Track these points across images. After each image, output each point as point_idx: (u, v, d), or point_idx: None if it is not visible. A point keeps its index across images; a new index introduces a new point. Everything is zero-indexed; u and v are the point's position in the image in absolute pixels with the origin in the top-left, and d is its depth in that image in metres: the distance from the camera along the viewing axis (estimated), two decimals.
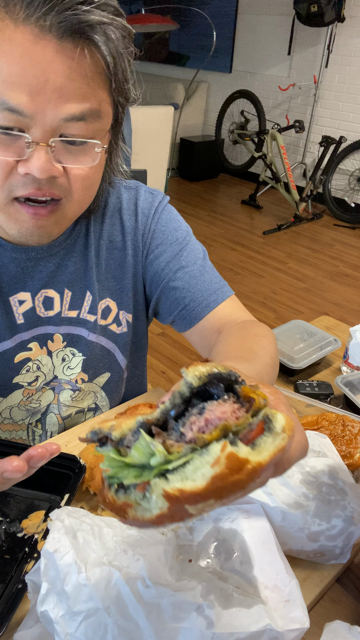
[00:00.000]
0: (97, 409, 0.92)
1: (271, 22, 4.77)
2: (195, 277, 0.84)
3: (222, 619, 0.49)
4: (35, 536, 0.64)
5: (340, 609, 0.61)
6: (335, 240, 4.06)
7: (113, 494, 0.35)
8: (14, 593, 0.55)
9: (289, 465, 0.40)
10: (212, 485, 0.31)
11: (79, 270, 0.81)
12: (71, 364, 0.85)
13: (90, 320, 0.84)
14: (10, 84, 0.55)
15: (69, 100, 0.58)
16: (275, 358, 0.73)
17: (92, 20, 0.55)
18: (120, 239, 0.85)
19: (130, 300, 0.87)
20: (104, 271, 0.84)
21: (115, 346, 0.88)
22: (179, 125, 5.23)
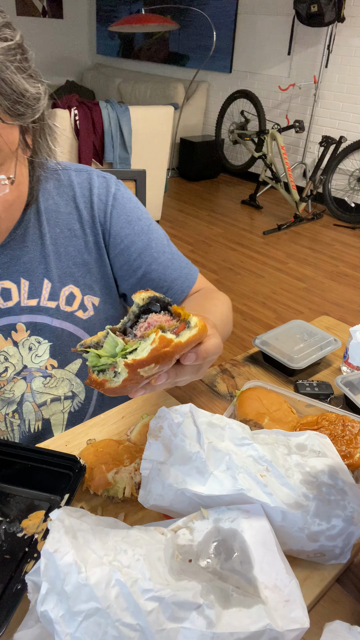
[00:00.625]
0: (74, 396, 0.92)
1: (271, 22, 4.77)
2: (168, 266, 0.90)
3: (222, 619, 0.49)
4: (35, 536, 0.64)
5: (340, 609, 0.61)
6: (335, 240, 4.06)
7: (96, 375, 0.53)
8: (14, 593, 0.55)
9: (206, 354, 0.58)
10: (152, 355, 0.50)
11: (34, 260, 0.82)
12: (38, 351, 0.85)
13: (52, 307, 0.84)
14: None
15: None
16: (226, 315, 0.89)
17: None
18: (79, 227, 0.86)
19: (97, 284, 0.88)
20: (64, 258, 0.85)
21: (84, 332, 0.88)
22: (179, 125, 5.23)
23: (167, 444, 0.65)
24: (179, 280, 0.91)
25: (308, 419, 0.80)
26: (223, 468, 0.61)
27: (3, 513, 0.68)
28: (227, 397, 0.97)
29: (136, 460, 0.71)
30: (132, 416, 0.87)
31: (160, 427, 0.67)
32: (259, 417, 0.82)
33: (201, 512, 0.60)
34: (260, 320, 2.89)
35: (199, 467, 0.61)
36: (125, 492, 0.69)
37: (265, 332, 1.11)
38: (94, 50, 6.95)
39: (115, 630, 0.47)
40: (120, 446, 0.74)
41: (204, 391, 0.99)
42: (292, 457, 0.65)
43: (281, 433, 0.70)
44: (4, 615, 0.53)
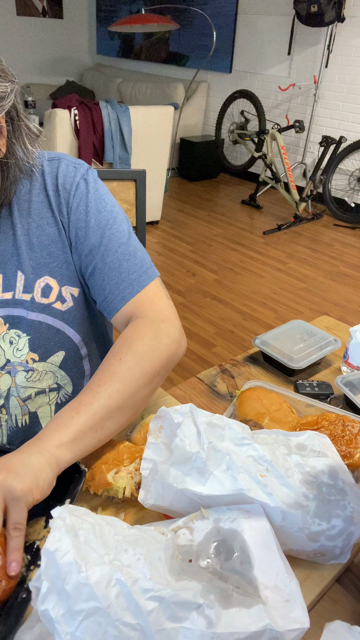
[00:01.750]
0: (59, 388, 0.91)
1: (271, 22, 4.77)
2: (114, 268, 0.82)
3: (222, 619, 0.49)
4: (37, 543, 0.63)
5: (340, 609, 0.61)
6: (335, 240, 4.06)
7: None
8: (19, 602, 0.54)
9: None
10: None
11: (6, 252, 0.81)
12: (19, 345, 0.84)
13: (27, 300, 0.83)
14: None
15: None
16: (128, 385, 0.72)
17: None
18: (50, 214, 0.83)
19: (74, 273, 0.85)
20: (37, 249, 0.83)
21: (63, 324, 0.86)
22: (179, 125, 5.23)
23: (167, 444, 0.65)
24: (121, 285, 0.81)
25: (308, 419, 0.80)
26: (223, 468, 0.61)
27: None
28: (227, 397, 0.97)
29: (136, 460, 0.71)
30: None
31: (160, 427, 0.67)
32: (259, 417, 0.82)
33: (201, 512, 0.60)
34: (260, 320, 2.89)
35: (199, 467, 0.61)
36: (125, 492, 0.68)
37: (265, 332, 1.11)
38: (94, 50, 6.95)
39: (115, 630, 0.47)
40: (120, 446, 0.74)
41: (204, 391, 0.99)
42: (292, 457, 0.65)
43: (281, 433, 0.70)
44: (12, 624, 0.52)
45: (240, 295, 3.15)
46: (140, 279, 0.82)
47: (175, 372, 2.42)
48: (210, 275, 3.39)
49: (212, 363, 2.49)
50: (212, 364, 2.47)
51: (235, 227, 4.23)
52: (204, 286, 3.24)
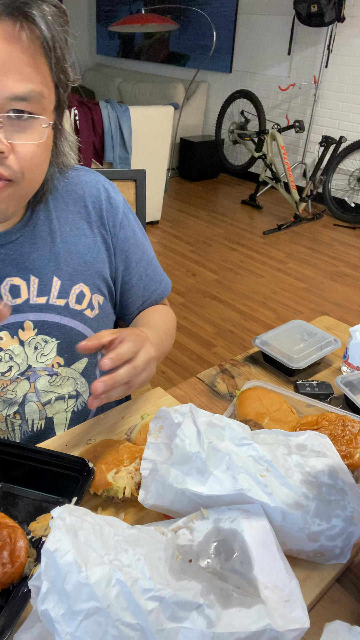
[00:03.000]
0: (78, 395, 0.92)
1: (271, 22, 4.77)
2: (152, 279, 0.99)
3: (222, 619, 0.49)
4: (43, 539, 0.63)
5: (340, 609, 0.61)
6: (335, 240, 4.06)
7: None
8: (20, 597, 0.55)
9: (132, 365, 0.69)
10: None
11: (43, 257, 0.82)
12: (44, 350, 0.85)
13: (61, 305, 0.84)
14: None
15: (12, 79, 0.59)
16: (170, 331, 0.99)
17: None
18: (87, 226, 0.87)
19: (103, 283, 0.90)
20: (75, 256, 0.85)
21: (91, 331, 0.89)
22: (179, 125, 5.23)
23: (167, 444, 0.65)
24: (157, 291, 1.01)
25: (308, 419, 0.80)
26: (223, 468, 0.61)
27: (11, 515, 0.68)
28: (227, 397, 0.98)
29: (136, 460, 0.71)
30: (132, 416, 0.87)
31: (160, 427, 0.67)
32: (259, 417, 0.82)
33: (201, 512, 0.60)
34: (260, 320, 2.89)
35: (199, 467, 0.61)
36: (125, 492, 0.69)
37: (265, 332, 1.11)
38: (94, 50, 6.95)
39: (115, 630, 0.47)
40: (120, 446, 0.74)
41: (204, 391, 0.99)
42: (292, 457, 0.65)
43: (281, 433, 0.70)
44: (11, 618, 0.53)
45: (240, 295, 3.15)
46: (167, 286, 1.03)
47: (175, 372, 2.42)
48: (210, 275, 3.39)
49: (212, 363, 2.49)
50: (212, 364, 2.47)
51: (235, 227, 4.23)
52: (204, 286, 3.24)
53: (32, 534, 0.65)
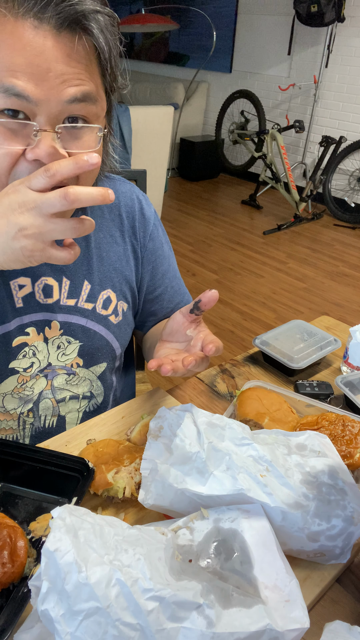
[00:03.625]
0: (91, 397, 0.93)
1: (271, 22, 4.77)
2: (177, 292, 1.01)
3: (222, 619, 0.49)
4: (43, 539, 0.63)
5: (340, 609, 0.61)
6: (335, 240, 4.06)
7: None
8: (20, 596, 0.55)
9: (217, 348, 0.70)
10: None
11: (78, 260, 0.83)
12: (66, 350, 0.86)
13: (88, 309, 0.86)
14: (16, 73, 0.58)
15: (70, 84, 0.60)
16: None
17: (86, 9, 0.59)
18: (119, 234, 0.89)
19: (128, 291, 0.92)
20: (106, 262, 0.87)
21: (113, 336, 0.90)
22: (179, 125, 5.23)
23: (167, 444, 0.65)
24: (180, 304, 1.01)
25: (308, 419, 0.80)
26: (223, 468, 0.61)
27: (11, 515, 0.68)
28: (227, 397, 0.97)
29: (136, 460, 0.71)
30: (132, 416, 0.87)
31: (160, 427, 0.67)
32: (259, 417, 0.82)
33: (201, 512, 0.60)
34: (260, 320, 2.89)
35: (199, 467, 0.61)
36: (125, 492, 0.69)
37: (265, 332, 1.11)
38: None
39: (115, 630, 0.47)
40: (120, 446, 0.74)
41: (204, 391, 0.99)
42: (292, 457, 0.65)
43: (281, 433, 0.70)
44: (11, 618, 0.53)
45: (240, 295, 3.15)
46: (189, 299, 1.03)
47: None
48: (210, 275, 3.39)
49: (212, 363, 2.49)
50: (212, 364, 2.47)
51: (235, 227, 4.23)
52: (204, 286, 3.24)
53: (32, 534, 0.65)
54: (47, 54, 0.58)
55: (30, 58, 0.58)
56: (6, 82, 0.58)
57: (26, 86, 0.58)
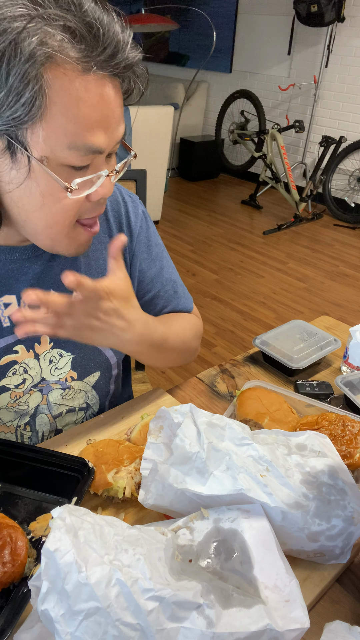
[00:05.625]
0: (88, 407, 0.92)
1: (271, 22, 4.77)
2: (172, 296, 0.97)
3: (222, 619, 0.49)
4: (43, 539, 0.63)
5: (340, 609, 0.61)
6: (335, 240, 4.06)
7: None
8: (20, 596, 0.55)
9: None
10: None
11: (65, 272, 0.82)
12: (59, 364, 0.85)
13: None
14: (92, 129, 0.59)
15: (119, 125, 0.63)
16: (185, 334, 0.93)
17: (135, 59, 0.60)
18: (108, 240, 0.87)
19: None
20: (94, 271, 0.85)
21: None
22: (179, 125, 5.23)
23: (167, 444, 0.65)
24: (177, 309, 0.98)
25: (308, 419, 0.80)
26: (223, 468, 0.61)
27: (11, 515, 0.68)
28: (227, 397, 0.97)
29: (136, 460, 0.71)
30: (132, 416, 0.87)
31: (160, 427, 0.67)
32: (259, 417, 0.82)
33: (201, 512, 0.60)
34: (260, 320, 2.89)
35: (199, 467, 0.61)
36: (125, 492, 0.69)
37: (265, 332, 1.11)
38: None
39: (115, 630, 0.47)
40: (120, 446, 0.74)
41: (204, 391, 0.99)
42: (292, 457, 0.65)
43: (281, 433, 0.70)
44: (11, 618, 0.53)
45: (240, 295, 3.15)
46: (188, 302, 1.00)
47: (175, 372, 2.42)
48: (210, 275, 3.39)
49: (212, 363, 2.49)
50: (212, 364, 2.47)
51: (235, 227, 4.23)
52: (204, 286, 3.24)
53: (32, 534, 0.65)
54: (110, 103, 0.60)
55: (103, 111, 0.59)
56: (87, 141, 0.59)
57: (100, 140, 0.60)
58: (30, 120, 0.56)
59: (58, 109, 0.56)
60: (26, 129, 0.57)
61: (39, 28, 0.53)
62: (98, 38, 0.55)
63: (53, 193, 0.62)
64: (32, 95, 0.54)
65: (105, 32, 0.55)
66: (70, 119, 0.57)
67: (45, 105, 0.55)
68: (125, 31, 0.58)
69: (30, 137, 0.58)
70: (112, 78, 0.59)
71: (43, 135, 0.57)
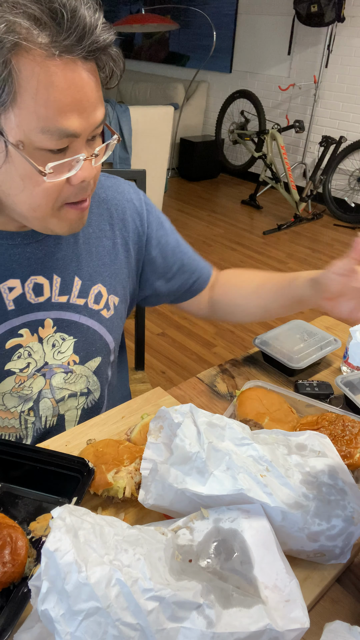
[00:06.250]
0: (89, 393, 0.93)
1: (271, 22, 4.77)
2: (194, 259, 1.00)
3: (222, 619, 0.49)
4: (43, 539, 0.63)
5: (340, 609, 0.61)
6: (335, 240, 4.06)
7: None
8: (20, 597, 0.55)
9: None
10: None
11: (67, 257, 0.84)
12: (61, 348, 0.86)
13: (80, 304, 0.86)
14: (65, 113, 0.60)
15: (96, 109, 0.64)
16: None
17: (106, 41, 0.61)
18: (109, 228, 0.88)
19: (120, 284, 0.91)
20: (95, 257, 0.87)
21: (106, 330, 0.91)
22: (179, 125, 5.23)
23: (167, 444, 0.65)
24: (204, 269, 1.01)
25: (308, 419, 0.80)
26: (223, 468, 0.61)
27: (11, 515, 0.68)
28: (227, 397, 0.98)
29: (136, 460, 0.71)
30: (132, 416, 0.88)
31: (160, 427, 0.67)
32: (259, 417, 0.82)
33: (201, 512, 0.60)
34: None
35: (199, 467, 0.61)
36: (125, 492, 0.69)
37: (265, 332, 1.11)
38: None
39: (115, 630, 0.47)
40: (120, 446, 0.74)
41: (204, 391, 0.99)
42: (292, 457, 0.65)
43: (281, 433, 0.70)
44: (11, 618, 0.53)
45: None
46: (206, 263, 1.03)
47: (175, 372, 2.42)
48: None
49: (212, 363, 2.49)
50: (212, 364, 2.47)
51: (235, 227, 4.23)
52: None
53: (32, 534, 0.65)
54: (84, 86, 0.61)
55: (75, 95, 0.60)
56: (60, 125, 0.60)
57: (74, 124, 0.61)
58: (1, 106, 0.58)
59: (29, 94, 0.58)
60: (0, 115, 0.59)
61: (3, 17, 0.55)
62: (62, 24, 0.57)
63: (31, 177, 0.64)
64: (1, 82, 0.56)
65: (71, 17, 0.56)
66: (41, 104, 0.58)
67: (15, 91, 0.57)
68: (95, 14, 0.59)
69: (4, 123, 0.59)
70: (84, 61, 0.60)
71: (16, 121, 0.59)
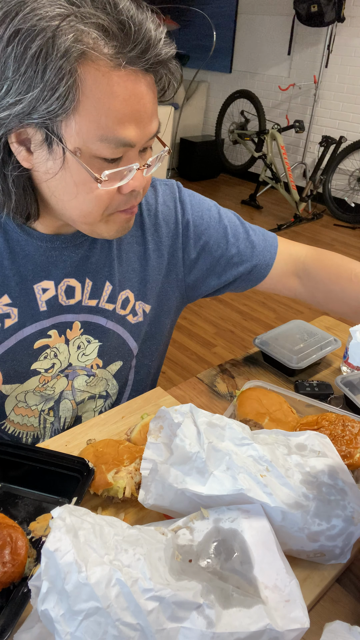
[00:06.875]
0: (107, 396, 0.94)
1: (271, 22, 4.77)
2: (247, 246, 0.94)
3: (222, 619, 0.49)
4: (43, 539, 0.63)
5: (340, 609, 0.61)
6: (335, 240, 4.06)
7: None
8: (20, 597, 0.55)
9: None
10: None
11: (100, 261, 0.84)
12: (86, 350, 0.87)
13: (109, 309, 0.87)
14: (123, 123, 0.61)
15: (152, 120, 0.65)
16: None
17: (167, 55, 0.62)
18: (140, 234, 0.88)
19: (151, 291, 0.90)
20: (125, 263, 0.87)
21: (129, 335, 0.91)
22: (179, 125, 5.23)
23: (167, 444, 0.65)
24: (261, 255, 0.95)
25: (308, 419, 0.80)
26: (223, 468, 0.61)
27: (11, 515, 0.68)
28: (227, 397, 0.98)
29: (136, 460, 0.71)
30: (132, 416, 0.88)
31: (160, 427, 0.67)
32: (259, 417, 0.82)
33: (201, 512, 0.60)
34: (260, 320, 2.89)
35: (199, 467, 0.61)
36: (125, 492, 0.69)
37: (265, 332, 1.11)
38: None
39: (115, 630, 0.47)
40: (120, 446, 0.74)
41: (204, 391, 0.99)
42: (292, 457, 0.65)
43: (281, 433, 0.70)
44: (11, 618, 0.53)
45: (240, 295, 3.15)
46: (270, 243, 0.98)
47: (175, 372, 2.42)
48: None
49: (212, 363, 2.49)
50: (212, 364, 2.47)
51: None
52: None
53: (32, 534, 0.65)
54: (143, 98, 0.62)
55: (134, 106, 0.61)
56: (118, 134, 0.61)
57: (133, 135, 0.62)
58: (64, 113, 0.58)
59: (90, 103, 0.58)
60: (61, 122, 0.59)
61: (73, 26, 0.55)
62: (129, 35, 0.58)
63: (85, 183, 0.65)
64: (66, 89, 0.57)
65: (137, 29, 0.58)
66: (102, 112, 0.59)
67: (78, 99, 0.58)
68: (159, 28, 0.60)
69: (64, 130, 0.60)
70: (144, 74, 0.61)
71: (76, 128, 0.60)
